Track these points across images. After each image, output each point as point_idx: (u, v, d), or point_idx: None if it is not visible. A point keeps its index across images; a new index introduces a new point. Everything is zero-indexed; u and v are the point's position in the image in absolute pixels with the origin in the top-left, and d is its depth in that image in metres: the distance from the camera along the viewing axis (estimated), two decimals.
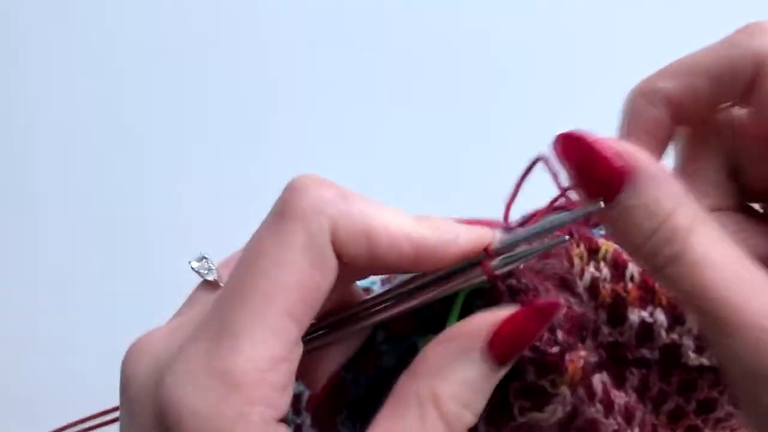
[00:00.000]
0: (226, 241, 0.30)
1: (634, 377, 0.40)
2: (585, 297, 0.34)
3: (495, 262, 0.27)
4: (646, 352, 0.39)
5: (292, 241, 0.24)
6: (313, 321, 0.27)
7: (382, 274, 0.29)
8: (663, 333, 0.38)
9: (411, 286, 0.27)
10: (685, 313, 0.27)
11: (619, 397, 0.40)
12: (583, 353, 0.29)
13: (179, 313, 0.29)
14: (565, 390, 0.29)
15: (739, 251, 0.26)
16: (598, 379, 0.39)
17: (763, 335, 0.24)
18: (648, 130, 0.30)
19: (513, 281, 0.28)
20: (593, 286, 0.37)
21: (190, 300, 0.30)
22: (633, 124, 0.31)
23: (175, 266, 0.33)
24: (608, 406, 0.39)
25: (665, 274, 0.26)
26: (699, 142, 0.33)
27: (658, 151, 0.32)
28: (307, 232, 0.24)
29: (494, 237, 0.28)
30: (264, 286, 0.24)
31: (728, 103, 0.30)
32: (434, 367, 0.26)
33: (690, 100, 0.30)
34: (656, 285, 0.39)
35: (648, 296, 0.38)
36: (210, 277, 0.29)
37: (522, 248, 0.28)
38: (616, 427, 0.39)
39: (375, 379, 0.31)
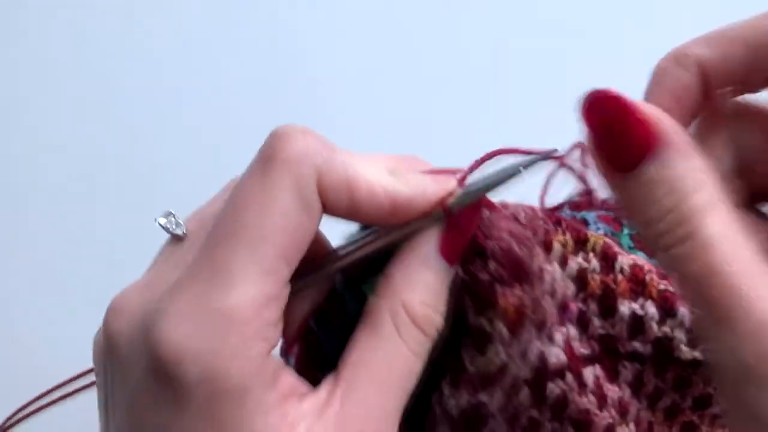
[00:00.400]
0: None
1: (627, 372, 0.40)
2: (566, 286, 0.35)
3: (450, 200, 0.28)
4: (638, 345, 0.39)
5: (281, 185, 0.25)
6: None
7: (357, 222, 0.30)
8: (654, 326, 0.39)
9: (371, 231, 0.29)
10: (683, 300, 0.27)
11: (613, 391, 0.40)
12: (518, 293, 0.30)
13: (150, 269, 0.29)
14: (501, 327, 0.29)
15: (750, 241, 0.25)
16: (590, 372, 0.39)
17: (764, 329, 0.23)
18: (675, 93, 0.29)
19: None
20: (581, 277, 0.38)
21: (161, 255, 0.29)
22: (660, 85, 0.29)
23: None
24: (601, 398, 0.39)
25: (673, 254, 0.25)
26: (710, 133, 0.32)
27: (683, 118, 0.29)
28: (295, 177, 0.25)
29: (456, 191, 0.29)
30: (256, 227, 0.24)
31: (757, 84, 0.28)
32: (400, 282, 0.28)
33: (723, 69, 0.28)
34: (647, 278, 0.39)
35: (638, 288, 0.39)
36: (179, 232, 0.29)
37: (475, 185, 0.29)
38: (610, 421, 0.40)
39: (346, 328, 0.32)
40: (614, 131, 0.25)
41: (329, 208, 0.26)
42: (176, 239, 0.29)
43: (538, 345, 0.36)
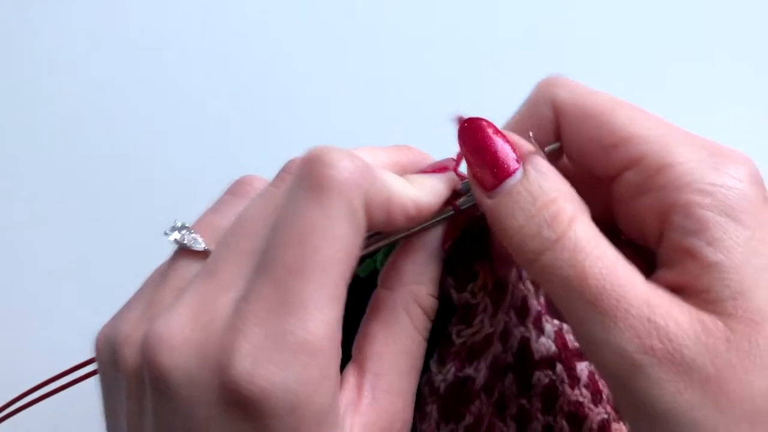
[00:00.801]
0: None
1: None
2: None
3: (460, 200, 0.31)
4: None
5: (339, 212, 0.25)
6: None
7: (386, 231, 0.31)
8: None
9: None
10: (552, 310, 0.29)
11: (608, 387, 0.40)
12: (497, 266, 0.32)
13: (166, 287, 0.28)
14: (484, 298, 0.31)
15: (612, 247, 0.26)
16: (584, 366, 0.40)
17: (642, 323, 0.24)
18: (537, 121, 0.31)
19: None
20: None
21: (181, 272, 0.29)
22: (527, 111, 0.31)
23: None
24: (595, 393, 0.40)
25: (543, 261, 0.26)
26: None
27: (542, 143, 0.31)
28: (349, 204, 0.25)
29: (458, 184, 0.32)
30: (321, 255, 0.25)
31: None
32: (411, 277, 0.30)
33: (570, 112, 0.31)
34: None
35: None
36: (199, 248, 0.29)
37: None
38: (605, 416, 0.40)
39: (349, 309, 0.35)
40: (480, 152, 0.28)
41: (371, 225, 0.27)
42: (196, 254, 0.29)
43: (522, 330, 0.37)
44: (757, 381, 0.24)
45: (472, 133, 0.28)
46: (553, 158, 0.30)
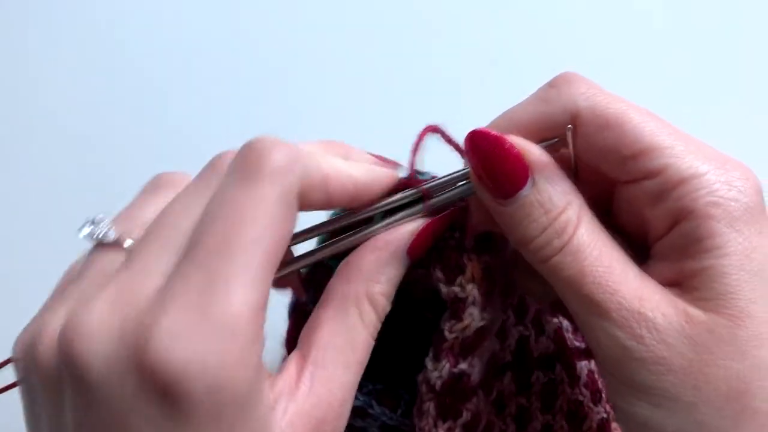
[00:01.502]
0: None
1: None
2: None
3: (431, 201, 0.31)
4: None
5: (269, 196, 0.26)
6: None
7: (327, 210, 0.32)
8: None
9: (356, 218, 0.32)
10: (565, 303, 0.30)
11: None
12: (484, 258, 0.32)
13: (84, 282, 0.27)
14: (472, 290, 0.31)
15: (613, 242, 0.29)
16: (584, 365, 0.40)
17: (633, 315, 0.27)
18: (546, 120, 0.31)
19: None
20: None
21: (99, 265, 0.28)
22: (536, 105, 0.31)
23: None
24: (595, 393, 0.40)
25: (551, 264, 0.29)
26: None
27: (549, 134, 0.32)
28: (281, 188, 0.26)
29: (399, 174, 0.32)
30: (247, 237, 0.25)
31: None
32: (368, 273, 0.30)
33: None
34: None
35: None
36: (110, 238, 0.28)
37: (450, 193, 0.31)
38: (604, 416, 0.40)
39: None
40: (491, 165, 0.29)
41: (309, 206, 0.28)
42: (112, 246, 0.28)
43: (520, 329, 0.37)
44: (734, 365, 0.27)
45: (482, 146, 0.29)
46: (552, 150, 0.30)
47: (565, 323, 0.39)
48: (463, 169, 0.32)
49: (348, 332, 0.29)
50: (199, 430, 0.23)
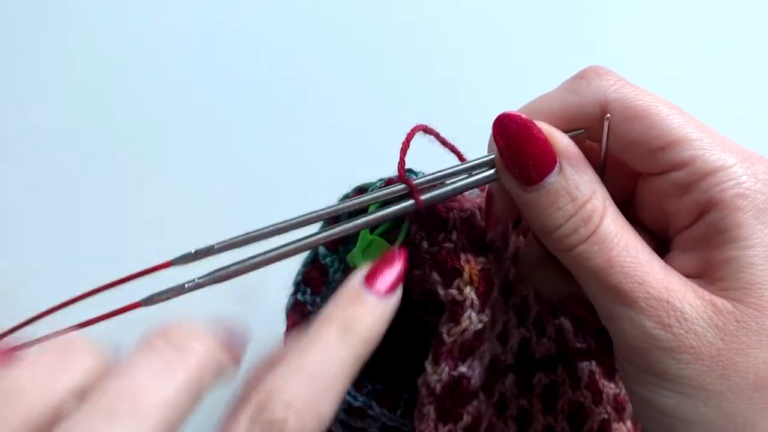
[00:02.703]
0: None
1: None
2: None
3: (424, 196, 0.30)
4: None
5: None
6: None
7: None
8: None
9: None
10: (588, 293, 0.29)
11: (609, 387, 0.40)
12: (482, 259, 0.32)
13: None
14: (470, 293, 0.31)
15: (636, 234, 0.29)
16: (585, 366, 0.40)
17: (661, 304, 0.27)
18: (576, 109, 0.31)
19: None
20: None
21: None
22: (568, 95, 0.31)
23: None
24: (596, 394, 0.40)
25: (576, 252, 0.29)
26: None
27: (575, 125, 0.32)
28: None
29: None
30: None
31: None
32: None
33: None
34: None
35: None
36: None
37: (443, 189, 0.31)
38: (605, 416, 0.40)
39: (329, 297, 0.34)
40: (519, 149, 0.29)
41: None
42: None
43: (522, 331, 0.37)
44: (762, 354, 0.27)
45: (511, 130, 0.29)
46: (576, 142, 0.30)
47: (566, 324, 0.39)
48: (483, 157, 0.31)
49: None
50: None
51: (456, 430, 0.33)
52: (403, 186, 0.30)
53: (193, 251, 0.27)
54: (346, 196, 0.33)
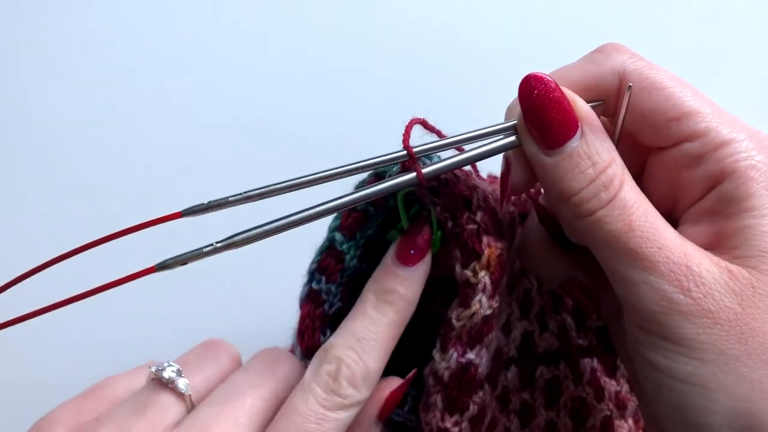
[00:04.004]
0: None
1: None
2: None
3: (426, 169, 0.30)
4: None
5: None
6: None
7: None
8: None
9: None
10: (601, 259, 0.29)
11: (611, 384, 0.41)
12: (500, 245, 0.32)
13: (144, 421, 0.30)
14: (484, 277, 0.32)
15: (651, 204, 0.30)
16: (587, 363, 0.40)
17: (681, 269, 0.28)
18: (597, 80, 0.32)
19: (434, 183, 0.33)
20: None
21: (157, 410, 0.31)
22: (590, 67, 0.32)
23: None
24: (598, 390, 0.40)
25: (595, 218, 0.29)
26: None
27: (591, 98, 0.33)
28: None
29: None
30: None
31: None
32: None
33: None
34: None
35: None
36: (182, 390, 0.31)
37: (446, 161, 0.31)
38: (608, 413, 0.40)
39: (345, 285, 0.35)
40: (544, 110, 0.29)
41: None
42: (178, 395, 0.31)
43: (525, 324, 0.37)
44: None
45: (539, 90, 0.29)
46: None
47: (569, 321, 0.40)
48: (504, 123, 0.31)
49: None
50: None
51: (462, 420, 0.33)
52: (402, 152, 0.30)
53: (206, 202, 0.28)
54: (363, 183, 0.34)
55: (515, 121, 0.30)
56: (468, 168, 0.35)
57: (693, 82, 0.32)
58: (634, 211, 0.29)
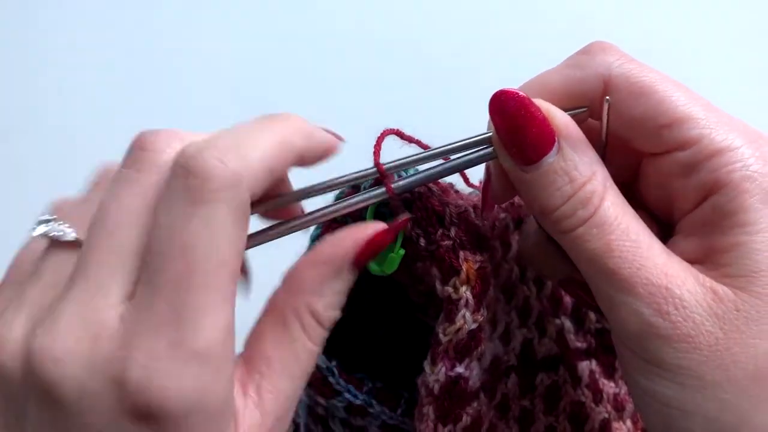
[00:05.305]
0: None
1: None
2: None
3: (397, 183, 0.30)
4: None
5: (222, 220, 0.25)
6: None
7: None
8: None
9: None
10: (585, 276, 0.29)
11: (609, 387, 0.40)
12: (480, 258, 0.31)
13: (39, 284, 0.27)
14: (465, 292, 0.31)
15: (637, 218, 0.28)
16: (586, 366, 0.40)
17: (660, 291, 0.26)
18: (579, 86, 0.30)
19: (407, 196, 0.32)
20: None
21: (51, 269, 0.27)
22: (571, 72, 0.31)
23: None
24: (596, 393, 0.40)
25: (575, 235, 0.28)
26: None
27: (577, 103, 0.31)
28: (232, 207, 0.25)
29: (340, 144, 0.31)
30: (209, 267, 0.25)
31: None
32: (310, 288, 0.29)
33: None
34: None
35: None
36: (69, 238, 0.27)
37: (419, 175, 0.30)
38: (606, 416, 0.40)
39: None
40: (517, 127, 0.28)
41: (261, 196, 0.28)
42: (68, 245, 0.27)
43: (524, 332, 0.37)
44: (762, 344, 0.26)
45: (510, 108, 0.28)
46: (578, 121, 0.29)
47: (567, 324, 0.39)
48: (481, 134, 0.30)
49: (291, 344, 0.28)
50: None
51: (455, 431, 0.33)
52: (372, 169, 0.30)
53: None
54: (341, 194, 0.33)
55: (491, 133, 0.29)
56: (450, 180, 0.34)
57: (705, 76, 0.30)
58: (614, 229, 0.27)
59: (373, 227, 0.29)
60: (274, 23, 0.66)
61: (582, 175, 0.28)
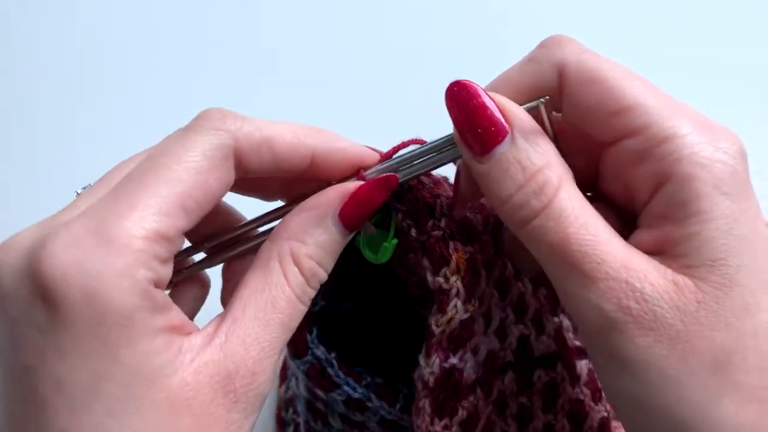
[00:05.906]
0: None
1: None
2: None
3: (368, 171, 0.31)
4: None
5: (195, 146, 0.27)
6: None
7: (285, 176, 0.31)
8: None
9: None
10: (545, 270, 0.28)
11: None
12: (470, 248, 0.32)
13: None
14: (456, 281, 0.31)
15: (596, 212, 0.28)
16: (584, 364, 0.40)
17: (620, 285, 0.26)
18: (535, 82, 0.31)
19: (399, 189, 0.32)
20: None
21: (68, 206, 0.29)
22: (527, 68, 0.31)
23: None
24: (595, 391, 0.40)
25: (531, 228, 0.28)
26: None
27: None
28: (209, 142, 0.28)
29: (374, 159, 0.32)
30: (164, 174, 0.27)
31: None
32: (293, 232, 0.30)
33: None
34: None
35: None
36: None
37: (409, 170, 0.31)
38: (605, 414, 0.40)
39: (327, 284, 0.34)
40: (468, 115, 0.28)
41: (255, 169, 0.29)
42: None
43: (521, 328, 0.37)
44: (719, 337, 0.26)
45: (462, 98, 0.28)
46: (540, 112, 0.30)
47: (566, 322, 0.39)
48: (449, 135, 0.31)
49: (269, 289, 0.29)
50: (79, 340, 0.24)
51: (452, 425, 0.33)
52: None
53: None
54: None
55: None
56: (443, 174, 0.34)
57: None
58: (572, 221, 0.27)
59: (355, 183, 0.31)
60: (274, 23, 0.67)
61: (534, 164, 0.28)
